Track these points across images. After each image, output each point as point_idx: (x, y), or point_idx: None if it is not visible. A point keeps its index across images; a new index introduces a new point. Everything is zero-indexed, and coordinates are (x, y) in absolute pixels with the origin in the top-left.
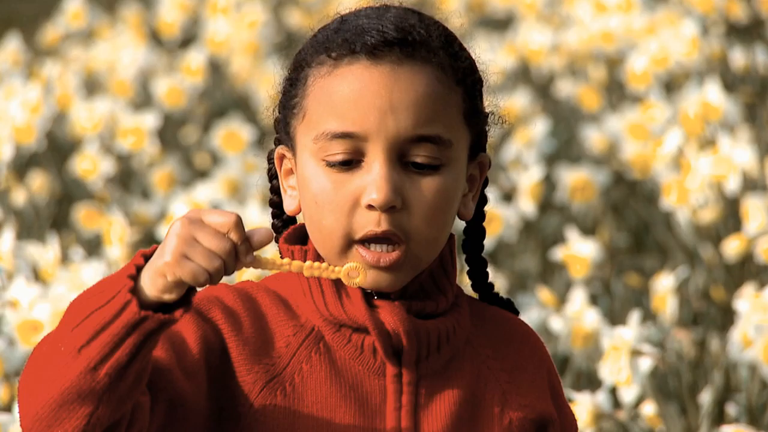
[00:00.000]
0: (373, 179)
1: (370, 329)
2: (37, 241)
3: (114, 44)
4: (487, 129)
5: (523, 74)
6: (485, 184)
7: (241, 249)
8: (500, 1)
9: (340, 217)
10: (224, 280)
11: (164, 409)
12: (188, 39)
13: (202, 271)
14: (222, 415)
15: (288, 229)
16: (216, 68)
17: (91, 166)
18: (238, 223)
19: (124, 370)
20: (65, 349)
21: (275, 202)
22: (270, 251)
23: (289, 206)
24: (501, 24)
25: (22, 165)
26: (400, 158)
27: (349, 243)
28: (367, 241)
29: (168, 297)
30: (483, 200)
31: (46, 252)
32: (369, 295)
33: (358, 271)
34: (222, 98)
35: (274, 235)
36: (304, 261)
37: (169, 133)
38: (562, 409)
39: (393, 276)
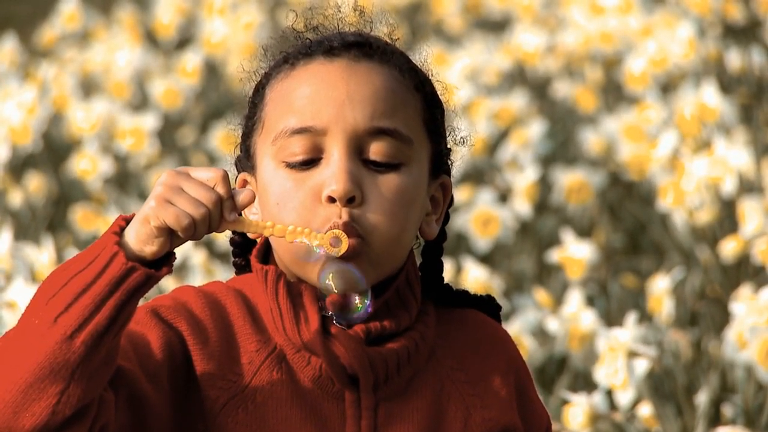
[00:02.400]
0: (332, 171)
1: (323, 361)
2: (34, 243)
3: (110, 45)
4: (448, 151)
5: (519, 76)
6: (450, 204)
7: (226, 204)
8: (497, 2)
9: (303, 213)
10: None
11: (126, 407)
12: (184, 40)
13: (185, 215)
14: (187, 429)
15: (252, 251)
16: (212, 69)
17: (90, 166)
18: (225, 177)
19: (101, 339)
20: (39, 321)
21: (236, 242)
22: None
23: None
24: (498, 25)
25: (19, 166)
26: (359, 154)
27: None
28: None
29: (149, 249)
30: (445, 221)
31: (41, 254)
32: (327, 320)
33: (341, 239)
34: (219, 99)
35: (256, 195)
36: (265, 281)
37: (166, 134)
38: (532, 409)
39: (357, 268)
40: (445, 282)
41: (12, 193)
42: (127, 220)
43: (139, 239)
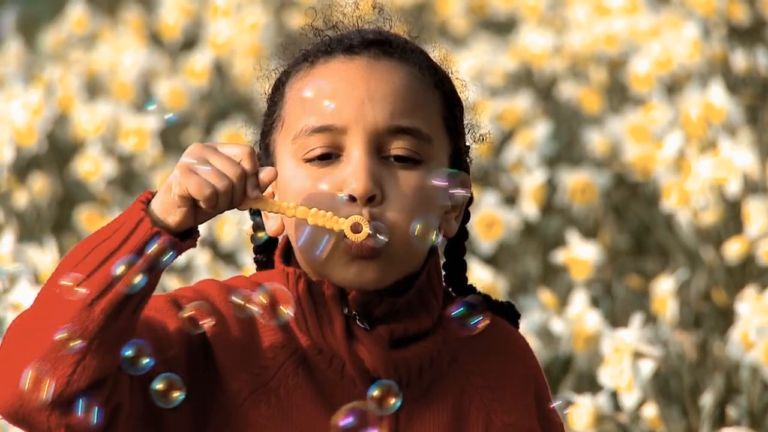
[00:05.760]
0: (352, 170)
1: (348, 364)
2: (39, 244)
3: (115, 46)
4: (467, 148)
5: (525, 77)
6: (469, 202)
7: (250, 180)
8: (502, 3)
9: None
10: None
11: (141, 390)
12: (190, 41)
13: (208, 185)
14: (205, 420)
15: (275, 250)
16: (218, 70)
17: (93, 167)
18: (252, 154)
19: (120, 308)
20: (60, 290)
21: (258, 239)
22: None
23: (271, 227)
24: (503, 27)
25: (24, 167)
26: (379, 151)
27: (332, 238)
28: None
29: (173, 219)
30: (465, 219)
31: (45, 255)
32: (350, 320)
33: (362, 225)
34: (224, 100)
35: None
36: (287, 282)
37: (170, 135)
38: (548, 417)
39: (375, 267)
40: (468, 283)
41: (17, 194)
42: (154, 194)
43: (163, 208)
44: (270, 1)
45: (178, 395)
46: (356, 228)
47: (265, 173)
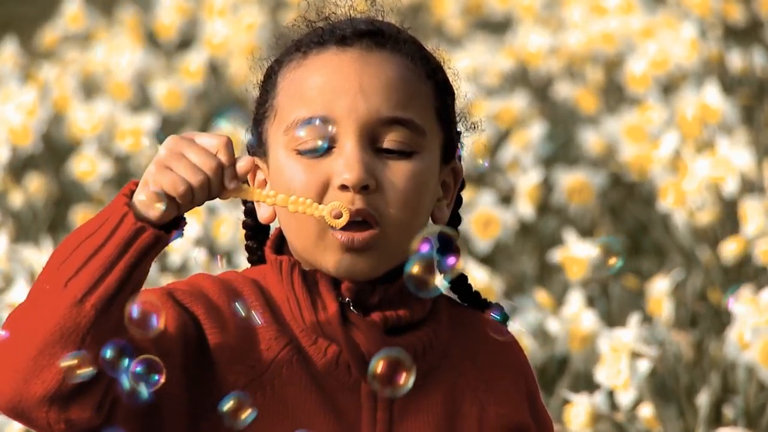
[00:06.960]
0: (345, 160)
1: (343, 350)
2: (35, 244)
3: (111, 46)
4: (459, 136)
5: (521, 76)
6: (461, 187)
7: (227, 172)
8: (498, 3)
9: (314, 199)
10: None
11: None
12: (186, 41)
13: (182, 181)
14: (201, 412)
15: (266, 242)
16: (214, 70)
17: (89, 167)
18: (228, 144)
19: (111, 302)
20: (51, 286)
21: (249, 225)
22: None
23: (263, 215)
24: (499, 26)
25: (19, 167)
26: (372, 143)
27: (323, 226)
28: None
29: (152, 213)
30: (458, 205)
31: (41, 255)
32: (344, 306)
33: (342, 210)
34: (220, 100)
35: (254, 161)
36: (280, 271)
37: (167, 135)
38: (539, 415)
39: (367, 259)
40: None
41: (13, 194)
42: (137, 184)
43: (143, 203)
44: (266, 1)
45: None
46: (337, 214)
47: (241, 163)
